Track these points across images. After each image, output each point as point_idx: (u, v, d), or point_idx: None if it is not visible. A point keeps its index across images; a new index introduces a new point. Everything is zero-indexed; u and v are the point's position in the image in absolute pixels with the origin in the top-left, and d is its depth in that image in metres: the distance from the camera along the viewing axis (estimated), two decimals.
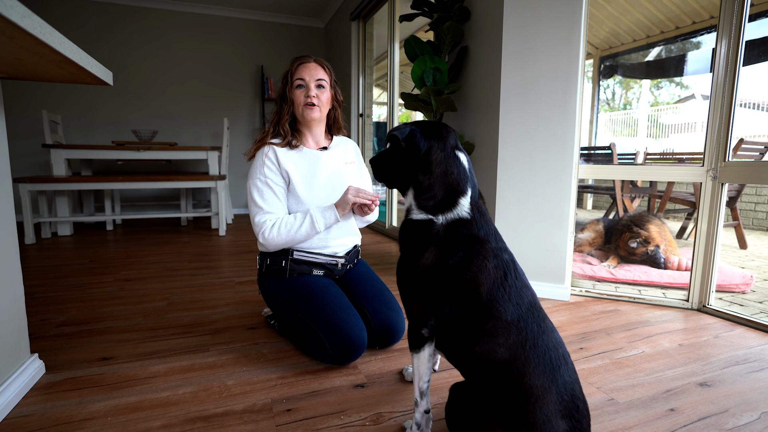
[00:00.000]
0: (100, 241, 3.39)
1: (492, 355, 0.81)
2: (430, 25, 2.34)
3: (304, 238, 1.39)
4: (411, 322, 0.96)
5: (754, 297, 2.17)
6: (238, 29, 5.02)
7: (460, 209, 0.91)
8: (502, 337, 0.81)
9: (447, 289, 0.88)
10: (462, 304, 0.87)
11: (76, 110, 4.51)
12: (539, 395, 0.75)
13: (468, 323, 0.85)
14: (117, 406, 1.11)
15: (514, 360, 0.79)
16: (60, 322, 1.68)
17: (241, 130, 5.16)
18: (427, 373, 0.97)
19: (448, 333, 0.90)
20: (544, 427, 0.73)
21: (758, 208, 4.22)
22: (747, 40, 1.74)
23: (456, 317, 0.88)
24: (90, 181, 3.39)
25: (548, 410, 0.74)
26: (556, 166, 1.95)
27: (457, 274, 0.87)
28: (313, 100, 1.42)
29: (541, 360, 0.78)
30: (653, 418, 1.09)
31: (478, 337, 0.83)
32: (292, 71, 1.43)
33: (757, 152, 3.08)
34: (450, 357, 0.93)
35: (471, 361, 0.85)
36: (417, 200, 0.95)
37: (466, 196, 0.92)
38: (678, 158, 4.76)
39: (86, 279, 2.28)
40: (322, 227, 1.38)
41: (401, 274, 0.97)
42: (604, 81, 5.76)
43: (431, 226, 0.92)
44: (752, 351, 1.47)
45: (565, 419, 0.74)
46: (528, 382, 0.76)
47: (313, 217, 1.37)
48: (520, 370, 0.78)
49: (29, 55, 0.91)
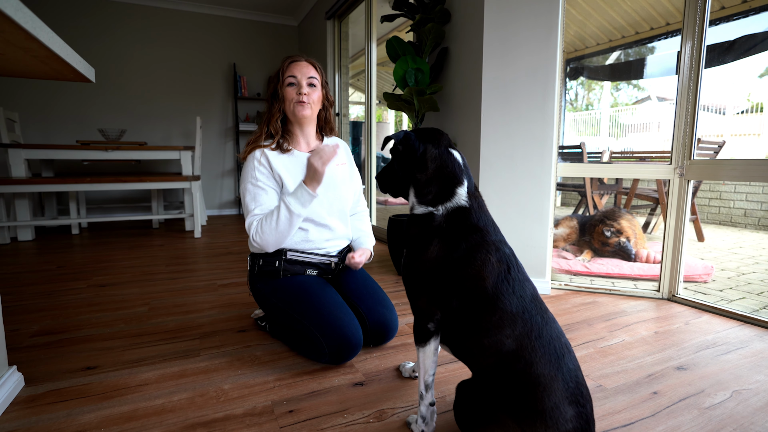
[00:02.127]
0: (65, 245, 3.22)
1: (500, 346, 0.84)
2: (412, 26, 2.37)
3: (288, 227, 1.34)
4: (417, 317, 0.98)
5: (715, 286, 2.32)
6: (209, 26, 4.88)
7: (459, 198, 0.96)
8: (508, 329, 0.84)
9: (453, 283, 0.91)
10: (468, 298, 0.89)
11: (34, 108, 4.26)
12: (546, 383, 0.79)
13: (475, 316, 0.88)
14: (109, 417, 1.07)
15: (521, 350, 0.82)
16: (34, 332, 1.60)
17: (213, 129, 5.03)
18: (433, 367, 1.00)
19: (455, 327, 0.93)
20: (553, 414, 0.77)
21: (712, 203, 4.52)
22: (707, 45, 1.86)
23: (463, 311, 0.90)
24: (57, 182, 3.22)
25: (556, 397, 0.78)
26: (536, 164, 2.03)
27: (462, 268, 0.90)
28: (304, 98, 1.41)
29: (547, 349, 0.82)
30: (639, 401, 1.16)
31: (485, 329, 0.86)
32: (284, 69, 1.42)
33: (711, 151, 3.29)
34: (457, 351, 0.95)
35: (480, 354, 0.88)
36: (418, 197, 1.00)
37: (462, 185, 0.97)
38: (638, 157, 5.01)
39: (56, 286, 2.17)
40: (300, 208, 1.33)
41: (407, 269, 0.99)
42: (569, 82, 6.00)
43: (432, 218, 0.96)
44: (719, 335, 1.59)
45: (571, 405, 0.78)
46: (535, 371, 0.80)
47: (286, 203, 1.33)
48: (527, 360, 0.81)
49: (14, 50, 0.87)
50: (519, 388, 0.80)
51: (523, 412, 0.79)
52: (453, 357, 1.40)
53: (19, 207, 3.28)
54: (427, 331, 0.97)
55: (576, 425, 0.77)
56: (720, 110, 5.38)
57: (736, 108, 5.27)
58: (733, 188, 4.35)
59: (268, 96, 1.45)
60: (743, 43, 3.62)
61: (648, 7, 4.49)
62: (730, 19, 3.67)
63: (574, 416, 0.77)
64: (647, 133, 6.88)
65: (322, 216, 1.45)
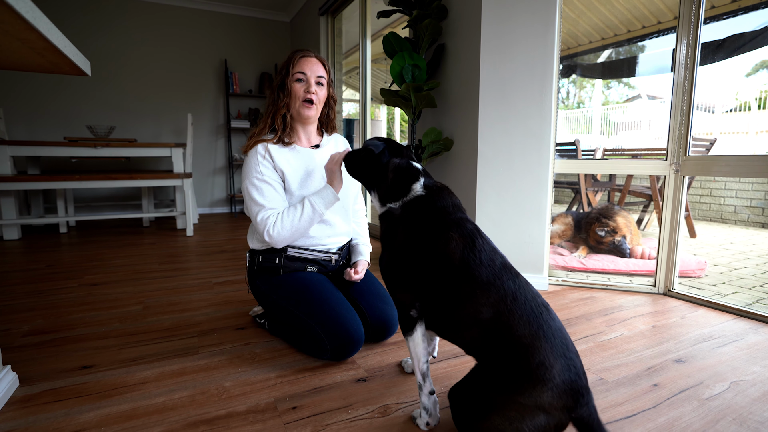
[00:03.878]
0: (53, 244, 3.16)
1: (478, 316, 0.87)
2: (409, 22, 2.36)
3: (308, 226, 1.35)
4: (399, 309, 1.03)
5: (708, 281, 2.36)
6: (199, 21, 4.82)
7: (413, 192, 1.04)
8: (483, 298, 0.88)
9: (425, 267, 0.95)
10: (441, 276, 0.93)
11: (20, 103, 4.16)
12: (529, 343, 0.81)
13: (451, 292, 0.92)
14: (109, 415, 1.05)
15: (499, 316, 0.86)
16: (26, 331, 1.56)
17: (204, 126, 4.97)
18: (425, 354, 1.02)
19: (435, 308, 0.96)
20: (539, 371, 0.79)
21: (703, 200, 4.59)
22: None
23: (439, 290, 0.94)
24: (45, 180, 3.15)
25: (540, 354, 0.80)
26: (533, 161, 2.03)
27: (428, 250, 0.95)
28: (312, 96, 1.40)
29: (524, 310, 0.85)
30: (640, 393, 1.17)
31: (462, 302, 0.90)
32: (294, 62, 1.39)
33: (703, 148, 3.34)
34: (443, 332, 0.98)
35: (462, 328, 0.91)
36: (381, 199, 1.10)
37: (418, 182, 1.05)
38: (630, 154, 5.07)
39: (46, 285, 2.12)
40: (323, 208, 1.34)
41: (383, 264, 1.06)
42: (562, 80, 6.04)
43: (392, 213, 1.06)
44: (715, 329, 1.61)
45: (558, 358, 0.80)
46: (516, 333, 0.83)
47: (312, 202, 1.34)
48: (506, 324, 0.84)
49: (11, 41, 0.84)
50: (505, 355, 0.83)
51: (512, 380, 0.80)
52: (455, 352, 1.40)
53: (5, 205, 3.20)
54: (411, 319, 1.01)
55: (566, 377, 0.79)
56: (709, 109, 5.46)
57: (725, 106, 5.36)
58: (724, 185, 4.42)
59: (275, 87, 1.43)
60: (732, 42, 3.67)
61: (640, 5, 4.54)
62: (720, 18, 3.73)
63: (563, 368, 0.79)
64: (638, 131, 6.96)
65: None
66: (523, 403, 0.78)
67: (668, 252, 1.99)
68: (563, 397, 0.78)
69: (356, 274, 1.47)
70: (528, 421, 0.78)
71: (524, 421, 0.78)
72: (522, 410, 0.79)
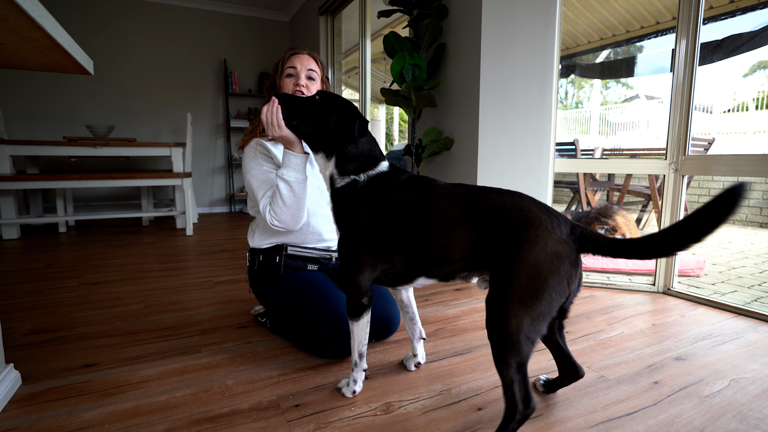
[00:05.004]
0: (53, 244, 3.15)
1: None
2: (409, 21, 2.37)
3: (295, 200, 1.27)
4: (352, 294, 1.06)
5: (707, 280, 2.37)
6: (199, 21, 4.82)
7: (381, 167, 1.07)
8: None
9: (393, 236, 1.00)
10: (410, 241, 0.98)
11: (19, 102, 4.15)
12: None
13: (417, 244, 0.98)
14: (112, 413, 1.05)
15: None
16: (27, 330, 1.56)
17: (204, 126, 4.96)
18: (365, 338, 1.12)
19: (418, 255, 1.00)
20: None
21: (701, 200, 4.61)
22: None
23: (407, 256, 1.00)
24: (45, 179, 3.14)
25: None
26: (534, 160, 2.04)
27: (397, 217, 0.99)
28: (302, 89, 1.40)
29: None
30: (641, 390, 1.17)
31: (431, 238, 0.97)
32: (284, 60, 1.40)
33: (702, 148, 3.35)
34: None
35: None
36: (338, 167, 1.08)
37: (384, 161, 1.09)
38: (628, 154, 5.08)
39: (46, 284, 2.12)
40: (294, 173, 1.24)
41: (342, 243, 1.06)
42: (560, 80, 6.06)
43: (355, 185, 1.05)
44: (715, 327, 1.62)
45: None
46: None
47: (279, 175, 1.25)
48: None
49: (16, 39, 0.84)
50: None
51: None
52: (456, 350, 1.41)
53: (4, 204, 3.19)
54: (361, 306, 1.07)
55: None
56: (707, 109, 5.48)
57: (723, 107, 5.38)
58: (722, 185, 4.44)
59: (266, 87, 1.44)
60: (730, 42, 3.69)
61: (639, 6, 4.55)
62: (718, 18, 3.75)
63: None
64: (636, 131, 6.99)
65: (322, 206, 1.44)
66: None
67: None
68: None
69: None
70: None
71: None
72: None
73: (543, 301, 0.84)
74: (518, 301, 0.85)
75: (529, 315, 0.84)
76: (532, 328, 0.85)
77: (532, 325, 0.85)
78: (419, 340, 1.29)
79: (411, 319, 1.28)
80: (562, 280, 0.85)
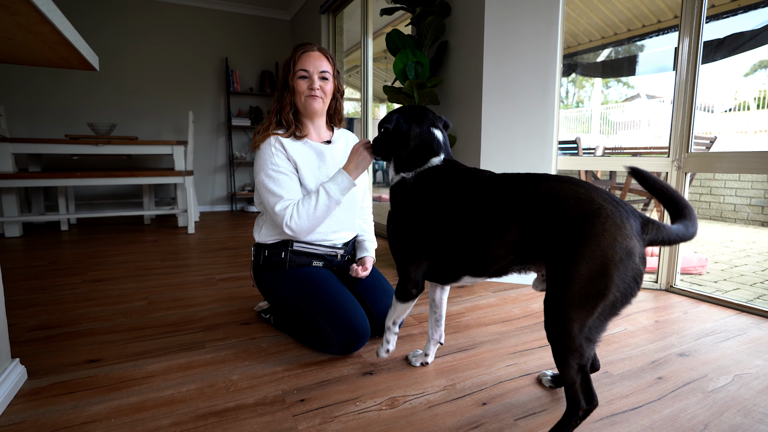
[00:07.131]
0: (55, 241, 3.16)
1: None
2: (412, 19, 2.37)
3: (325, 214, 1.32)
4: (403, 281, 1.10)
5: (710, 277, 2.37)
6: (200, 19, 4.82)
7: (431, 163, 1.08)
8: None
9: (433, 232, 1.01)
10: (449, 237, 0.98)
11: (20, 100, 4.15)
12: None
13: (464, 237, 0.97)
14: (118, 408, 1.05)
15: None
16: (32, 326, 1.56)
17: (205, 124, 4.96)
18: (404, 316, 1.19)
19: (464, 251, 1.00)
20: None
21: (703, 198, 4.61)
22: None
23: (449, 253, 1.00)
24: (47, 177, 3.15)
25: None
26: (536, 158, 2.04)
27: (436, 213, 1.00)
28: (316, 92, 1.40)
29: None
30: (645, 386, 1.18)
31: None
32: (295, 60, 1.39)
33: (704, 146, 3.35)
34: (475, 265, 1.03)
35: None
36: (396, 168, 1.13)
37: (438, 156, 1.09)
38: (630, 153, 5.08)
39: (50, 281, 2.13)
40: (339, 194, 1.30)
41: (393, 233, 1.10)
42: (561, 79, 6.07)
43: (404, 182, 1.10)
44: (717, 324, 1.62)
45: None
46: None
47: (326, 189, 1.30)
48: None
49: (24, 34, 0.84)
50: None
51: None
52: (461, 346, 1.41)
53: (6, 202, 3.20)
54: (409, 294, 1.11)
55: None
56: (709, 108, 5.48)
57: (724, 106, 5.38)
58: (724, 183, 4.44)
59: (279, 85, 1.43)
60: (732, 41, 3.69)
61: (641, 4, 4.55)
62: (720, 17, 3.74)
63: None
64: (637, 130, 6.98)
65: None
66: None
67: (669, 249, 2.00)
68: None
69: (363, 271, 1.47)
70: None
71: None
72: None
73: (607, 302, 0.79)
74: (579, 303, 0.79)
75: (590, 317, 0.79)
76: (594, 329, 0.80)
77: (595, 327, 0.80)
78: (437, 343, 1.28)
79: (437, 321, 1.26)
80: (631, 279, 0.79)
